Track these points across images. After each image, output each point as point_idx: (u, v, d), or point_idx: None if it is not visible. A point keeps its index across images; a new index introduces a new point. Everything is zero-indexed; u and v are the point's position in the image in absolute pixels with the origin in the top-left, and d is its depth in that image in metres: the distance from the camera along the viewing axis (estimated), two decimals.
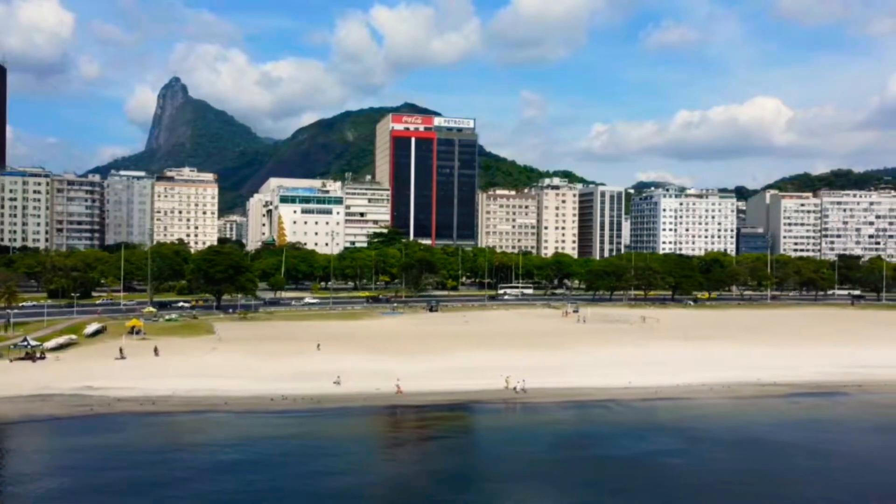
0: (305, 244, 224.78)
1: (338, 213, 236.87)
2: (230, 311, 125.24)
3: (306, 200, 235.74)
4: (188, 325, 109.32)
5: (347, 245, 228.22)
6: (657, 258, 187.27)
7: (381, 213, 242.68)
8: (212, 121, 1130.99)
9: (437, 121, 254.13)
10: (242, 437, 53.74)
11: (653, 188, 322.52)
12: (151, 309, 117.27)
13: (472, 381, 70.00)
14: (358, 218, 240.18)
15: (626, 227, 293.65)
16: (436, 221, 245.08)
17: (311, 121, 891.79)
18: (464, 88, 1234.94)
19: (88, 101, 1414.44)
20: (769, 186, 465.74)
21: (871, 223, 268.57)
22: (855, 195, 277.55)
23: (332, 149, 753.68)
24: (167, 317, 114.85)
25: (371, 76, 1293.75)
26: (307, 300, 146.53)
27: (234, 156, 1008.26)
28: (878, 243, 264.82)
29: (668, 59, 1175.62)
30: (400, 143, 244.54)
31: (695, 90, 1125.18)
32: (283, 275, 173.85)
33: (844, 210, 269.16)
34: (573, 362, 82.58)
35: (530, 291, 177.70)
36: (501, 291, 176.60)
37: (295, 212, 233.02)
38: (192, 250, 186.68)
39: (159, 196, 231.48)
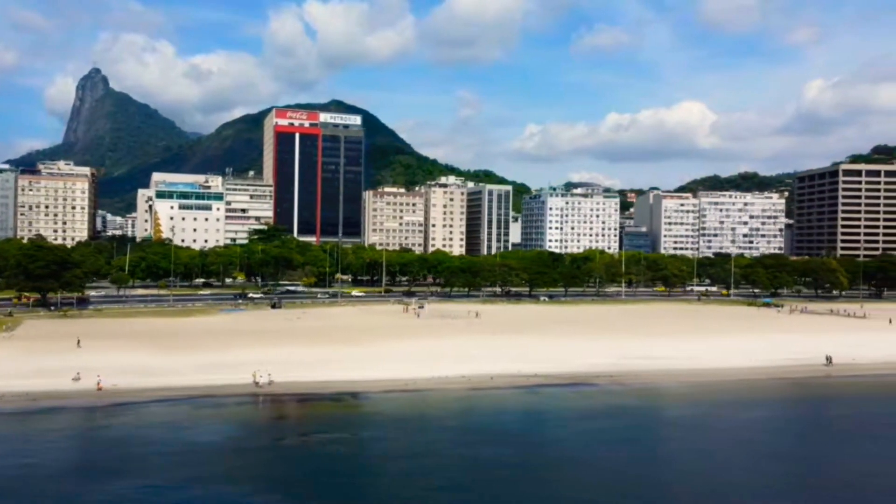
0: (184, 240, 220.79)
1: (218, 209, 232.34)
2: (52, 308, 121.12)
3: (185, 196, 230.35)
4: None
5: (228, 242, 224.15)
6: (525, 255, 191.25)
7: (264, 210, 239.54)
8: (133, 114, 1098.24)
9: (322, 117, 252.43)
10: None
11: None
12: None
13: (223, 376, 69.67)
14: (239, 214, 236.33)
15: (518, 225, 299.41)
16: (321, 218, 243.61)
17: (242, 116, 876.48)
18: (400, 87, 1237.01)
19: (4, 90, 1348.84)
20: (681, 188, 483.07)
21: (745, 223, 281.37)
22: (730, 196, 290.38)
23: (257, 144, 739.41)
24: None
25: (304, 72, 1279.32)
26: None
27: (156, 150, 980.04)
28: (751, 242, 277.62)
29: (601, 63, 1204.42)
30: (284, 139, 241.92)
31: (627, 93, 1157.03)
32: (144, 271, 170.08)
33: (720, 210, 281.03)
34: (356, 355, 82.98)
35: (301, 289, 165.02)
36: (256, 294, 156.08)
37: (172, 207, 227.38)
38: None
39: (23, 190, 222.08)
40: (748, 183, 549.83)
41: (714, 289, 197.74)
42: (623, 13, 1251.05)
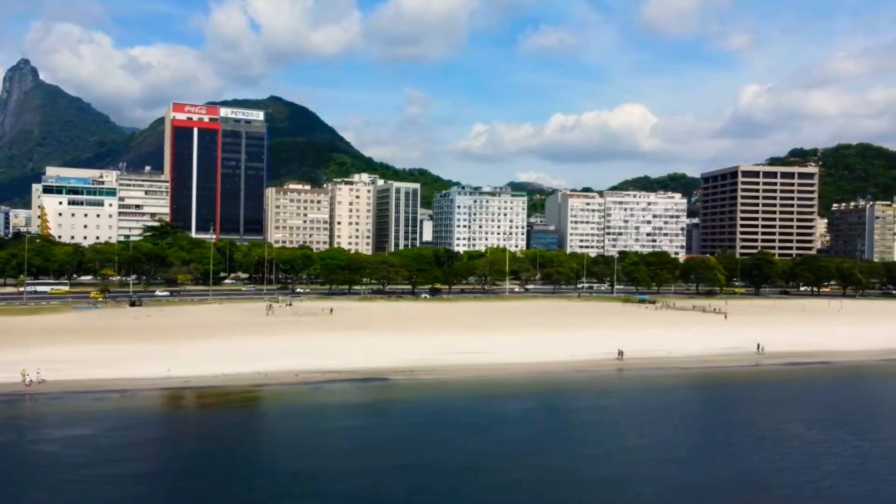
0: (73, 237, 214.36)
1: (111, 205, 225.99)
2: None
3: (74, 191, 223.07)
4: None
5: (121, 239, 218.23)
6: (408, 253, 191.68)
7: (160, 206, 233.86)
8: (64, 107, 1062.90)
9: (223, 112, 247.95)
10: None
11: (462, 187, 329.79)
12: None
13: None
14: (134, 211, 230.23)
15: (430, 223, 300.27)
16: (220, 215, 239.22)
17: None
18: (346, 84, 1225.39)
19: None
20: (613, 188, 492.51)
21: (649, 222, 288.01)
22: (635, 195, 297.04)
23: None
24: None
25: (248, 67, 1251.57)
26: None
27: (89, 145, 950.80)
28: (654, 241, 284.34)
29: (547, 63, 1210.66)
30: (181, 134, 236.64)
31: (572, 94, 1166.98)
32: (15, 269, 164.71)
33: (625, 209, 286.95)
34: (162, 353, 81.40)
35: (65, 288, 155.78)
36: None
37: (61, 203, 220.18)
38: None
39: None
40: (675, 183, 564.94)
41: (604, 287, 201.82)
42: (568, 14, 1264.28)
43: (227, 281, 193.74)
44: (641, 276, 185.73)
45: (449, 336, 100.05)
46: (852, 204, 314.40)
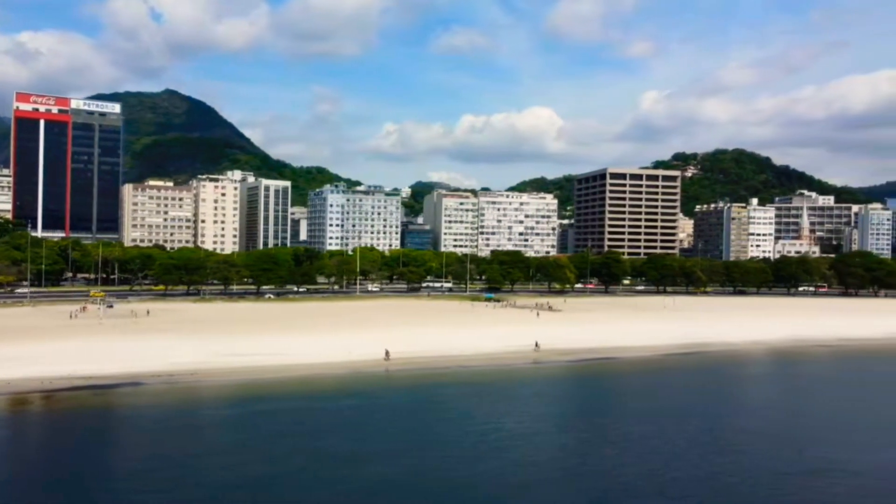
0: None
1: None
2: None
3: None
4: None
5: None
6: (252, 253, 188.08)
7: (1, 203, 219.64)
8: None
9: (74, 103, 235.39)
10: None
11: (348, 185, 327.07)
12: None
13: None
14: None
15: (306, 223, 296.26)
16: (70, 212, 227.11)
17: None
18: (254, 80, 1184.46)
19: None
20: (512, 188, 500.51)
21: (521, 222, 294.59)
22: (507, 196, 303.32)
23: None
24: None
25: (148, 58, 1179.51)
26: None
27: None
28: (526, 240, 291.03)
29: (459, 64, 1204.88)
30: (26, 125, 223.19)
31: (483, 96, 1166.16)
32: None
33: (498, 209, 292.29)
34: None
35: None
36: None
37: None
38: None
39: None
40: (570, 184, 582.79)
41: (448, 284, 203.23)
42: (479, 16, 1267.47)
43: (66, 282, 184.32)
44: (493, 275, 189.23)
45: (245, 338, 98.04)
46: (712, 206, 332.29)
